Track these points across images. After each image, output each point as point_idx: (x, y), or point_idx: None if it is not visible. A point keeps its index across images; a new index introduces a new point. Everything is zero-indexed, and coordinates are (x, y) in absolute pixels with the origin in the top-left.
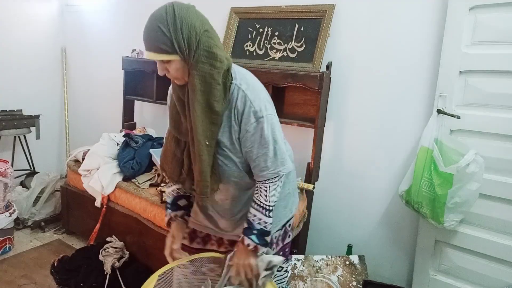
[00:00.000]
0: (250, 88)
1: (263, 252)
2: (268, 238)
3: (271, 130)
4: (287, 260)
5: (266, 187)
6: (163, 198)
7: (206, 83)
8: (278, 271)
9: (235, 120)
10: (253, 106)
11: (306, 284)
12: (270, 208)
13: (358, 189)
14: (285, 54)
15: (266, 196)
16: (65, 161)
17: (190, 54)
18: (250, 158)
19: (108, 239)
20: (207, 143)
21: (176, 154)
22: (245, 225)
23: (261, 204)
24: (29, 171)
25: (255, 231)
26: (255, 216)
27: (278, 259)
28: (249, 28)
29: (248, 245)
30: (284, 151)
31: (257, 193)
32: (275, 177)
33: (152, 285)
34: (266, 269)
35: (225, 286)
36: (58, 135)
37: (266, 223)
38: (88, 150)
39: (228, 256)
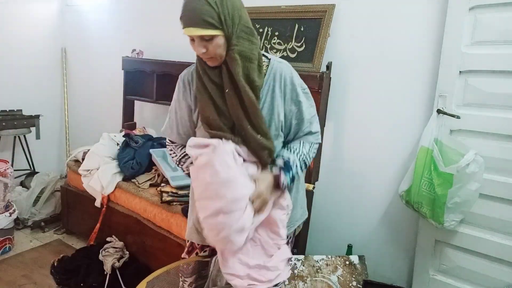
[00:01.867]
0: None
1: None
2: (293, 186)
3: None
4: None
5: (310, 144)
6: (163, 198)
7: (246, 59)
8: None
9: (280, 89)
10: (298, 79)
11: (306, 284)
12: (307, 163)
13: (358, 189)
14: (285, 54)
15: (308, 149)
16: (65, 161)
17: (234, 29)
18: (302, 119)
19: (108, 239)
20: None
21: None
22: (281, 163)
23: (302, 155)
24: (29, 171)
25: (291, 174)
26: (294, 161)
27: None
28: None
29: (282, 183)
30: None
31: (300, 144)
32: (317, 143)
33: None
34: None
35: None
36: (58, 135)
37: (298, 174)
38: (88, 150)
39: (214, 259)
